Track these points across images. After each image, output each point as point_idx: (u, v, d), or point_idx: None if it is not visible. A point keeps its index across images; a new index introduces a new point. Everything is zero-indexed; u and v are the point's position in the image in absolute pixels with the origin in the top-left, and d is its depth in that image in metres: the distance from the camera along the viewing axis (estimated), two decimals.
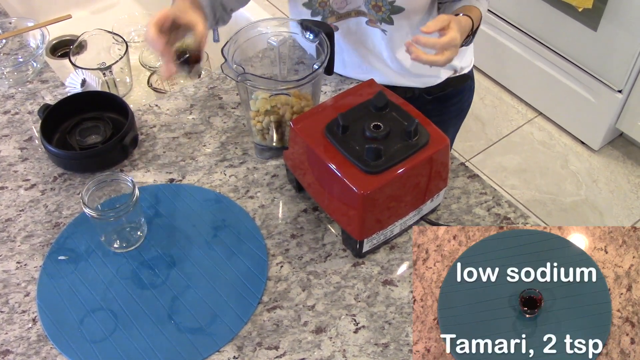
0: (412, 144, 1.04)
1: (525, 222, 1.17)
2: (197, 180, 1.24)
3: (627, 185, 2.60)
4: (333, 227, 1.16)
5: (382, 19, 1.29)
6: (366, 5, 1.28)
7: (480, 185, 1.23)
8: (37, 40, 1.52)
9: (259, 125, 1.22)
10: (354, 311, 1.05)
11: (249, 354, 1.00)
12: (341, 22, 1.34)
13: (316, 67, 1.17)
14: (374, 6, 1.27)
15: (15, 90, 1.43)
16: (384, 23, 1.30)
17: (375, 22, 1.32)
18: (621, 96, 2.47)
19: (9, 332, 1.03)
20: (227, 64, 1.15)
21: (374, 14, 1.29)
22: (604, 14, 2.33)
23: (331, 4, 1.28)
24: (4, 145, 1.31)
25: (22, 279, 1.10)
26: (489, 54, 2.93)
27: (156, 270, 1.10)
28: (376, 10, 1.27)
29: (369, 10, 1.29)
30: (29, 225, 1.18)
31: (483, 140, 2.76)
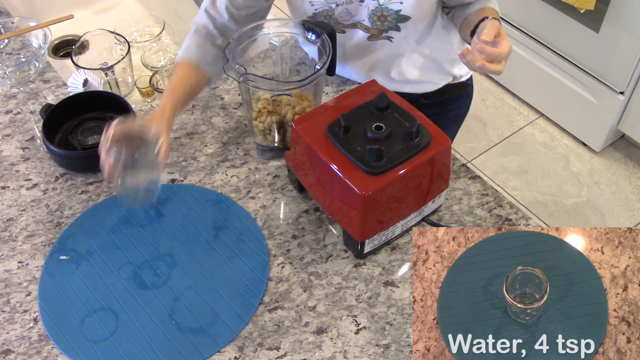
0: (413, 145, 1.04)
1: (527, 223, 1.17)
2: (199, 180, 1.24)
3: (629, 187, 2.60)
4: (334, 227, 1.17)
5: (388, 28, 1.29)
6: (370, 19, 1.27)
7: (481, 186, 1.23)
8: (39, 40, 1.52)
9: (260, 126, 1.22)
10: (355, 312, 1.05)
11: (250, 354, 1.01)
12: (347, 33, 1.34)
13: (318, 67, 1.17)
14: (380, 17, 1.26)
15: (17, 90, 1.44)
16: (390, 31, 1.30)
17: (377, 38, 1.32)
18: (623, 98, 2.47)
19: (10, 331, 1.03)
20: (229, 64, 1.15)
21: (378, 26, 1.28)
22: (606, 16, 2.33)
23: (336, 16, 1.28)
24: (6, 145, 1.32)
25: (23, 278, 1.10)
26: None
27: (157, 271, 1.10)
28: (382, 20, 1.26)
29: (372, 23, 1.28)
30: (31, 224, 1.18)
31: (484, 142, 2.75)
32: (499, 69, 1.09)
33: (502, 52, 1.09)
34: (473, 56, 1.08)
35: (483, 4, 1.27)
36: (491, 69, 1.08)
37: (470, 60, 1.08)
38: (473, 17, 1.24)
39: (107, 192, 1.22)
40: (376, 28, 1.28)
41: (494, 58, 1.08)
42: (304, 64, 1.40)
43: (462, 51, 1.09)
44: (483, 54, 1.08)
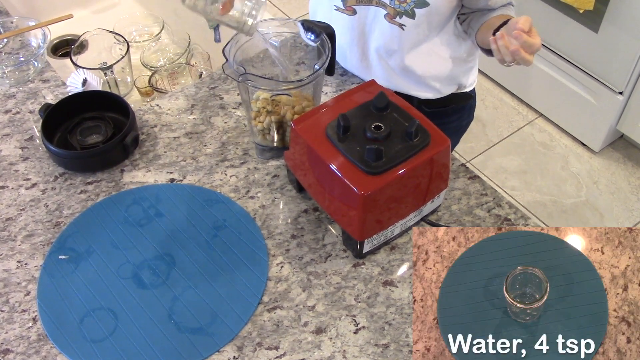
0: (413, 144, 1.04)
1: (526, 223, 1.18)
2: (198, 180, 1.24)
3: (628, 187, 2.60)
4: (333, 227, 1.17)
5: (404, 12, 1.28)
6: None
7: (480, 186, 1.23)
8: (38, 40, 1.52)
9: (259, 126, 1.22)
10: (354, 312, 1.05)
11: (249, 354, 1.00)
12: (360, 7, 1.33)
13: (317, 67, 1.17)
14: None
15: (16, 90, 1.43)
16: (404, 16, 1.29)
17: (393, 17, 1.30)
18: (622, 98, 2.47)
19: (9, 331, 1.03)
20: (228, 64, 1.15)
21: (396, 5, 1.27)
22: (605, 16, 2.33)
23: None
24: (5, 145, 1.31)
25: (22, 278, 1.10)
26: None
27: (156, 270, 1.10)
28: (401, 1, 1.27)
29: (391, 1, 1.27)
30: (30, 224, 1.18)
31: (484, 142, 2.75)
32: (531, 59, 1.10)
33: (536, 42, 1.10)
34: (507, 41, 1.09)
35: (504, 11, 1.28)
36: (524, 57, 1.09)
37: (503, 46, 1.09)
38: (495, 20, 1.26)
39: (106, 192, 1.22)
40: (393, 7, 1.28)
41: (527, 47, 1.09)
42: (303, 63, 1.40)
43: (496, 35, 1.09)
44: (519, 40, 1.08)
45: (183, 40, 1.76)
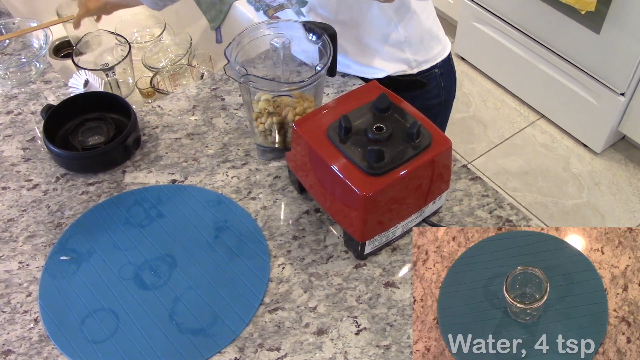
0: (414, 145, 1.04)
1: (527, 224, 1.18)
2: (199, 181, 1.24)
3: (629, 189, 2.60)
4: (335, 228, 1.17)
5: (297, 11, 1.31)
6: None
7: (482, 187, 1.23)
8: (40, 41, 1.52)
9: (261, 127, 1.22)
10: (356, 313, 1.05)
11: (250, 355, 1.01)
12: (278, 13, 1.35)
13: (319, 68, 1.17)
14: None
15: (18, 91, 1.44)
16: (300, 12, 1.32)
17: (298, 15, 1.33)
18: (624, 99, 2.47)
19: (10, 332, 1.04)
20: (229, 65, 1.15)
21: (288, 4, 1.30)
22: (607, 17, 2.33)
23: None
24: (6, 146, 1.32)
25: (24, 279, 1.10)
26: (491, 56, 2.93)
27: (158, 271, 1.10)
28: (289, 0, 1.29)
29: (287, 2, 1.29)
30: (31, 225, 1.18)
31: (485, 143, 2.76)
32: None
33: None
34: None
35: None
36: None
37: None
38: None
39: (108, 193, 1.22)
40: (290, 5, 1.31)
41: None
42: (304, 65, 1.40)
43: None
44: None
45: (184, 42, 1.76)
